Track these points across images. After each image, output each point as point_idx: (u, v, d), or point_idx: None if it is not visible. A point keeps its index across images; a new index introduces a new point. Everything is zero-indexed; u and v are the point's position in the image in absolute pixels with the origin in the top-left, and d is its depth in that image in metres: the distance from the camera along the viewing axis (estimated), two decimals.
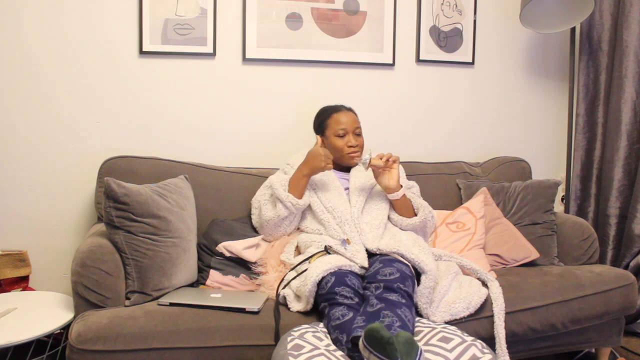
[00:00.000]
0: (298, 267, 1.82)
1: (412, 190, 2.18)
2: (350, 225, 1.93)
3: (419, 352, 1.26)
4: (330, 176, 2.08)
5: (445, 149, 2.72)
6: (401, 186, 2.01)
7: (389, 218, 2.05)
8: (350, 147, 2.08)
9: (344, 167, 2.14)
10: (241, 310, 1.63)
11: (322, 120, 2.16)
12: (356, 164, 2.11)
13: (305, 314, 1.68)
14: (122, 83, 2.26)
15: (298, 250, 1.98)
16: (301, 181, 1.97)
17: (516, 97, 2.84)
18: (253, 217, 2.08)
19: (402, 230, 2.03)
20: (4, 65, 2.13)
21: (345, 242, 1.86)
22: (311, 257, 1.82)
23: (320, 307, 1.64)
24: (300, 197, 1.97)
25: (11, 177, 2.17)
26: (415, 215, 2.05)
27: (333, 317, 1.54)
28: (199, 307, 1.64)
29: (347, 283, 1.63)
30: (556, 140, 2.93)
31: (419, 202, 2.08)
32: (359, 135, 2.12)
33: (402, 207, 2.03)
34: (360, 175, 2.10)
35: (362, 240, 1.89)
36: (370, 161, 1.93)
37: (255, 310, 1.64)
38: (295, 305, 1.70)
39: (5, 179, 2.17)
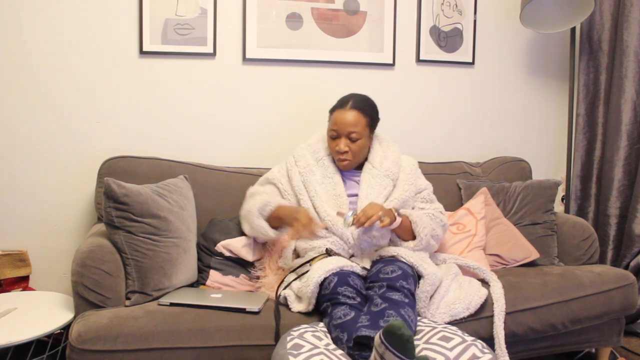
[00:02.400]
0: (299, 269, 1.82)
1: (422, 195, 2.01)
2: (349, 243, 1.87)
3: None
4: (334, 179, 1.96)
5: (445, 149, 2.72)
6: (396, 215, 1.80)
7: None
8: (338, 152, 1.91)
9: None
10: (241, 311, 1.63)
11: (329, 114, 2.00)
12: (346, 170, 1.96)
13: (306, 314, 1.68)
14: (122, 83, 2.26)
15: (296, 254, 1.97)
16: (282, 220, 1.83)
17: (516, 97, 2.84)
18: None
19: None
20: (4, 65, 2.13)
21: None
22: (312, 260, 1.82)
23: (322, 307, 1.64)
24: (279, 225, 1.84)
25: (11, 177, 2.17)
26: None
27: (335, 316, 1.54)
28: (199, 307, 1.64)
29: (350, 283, 1.63)
30: (556, 140, 2.93)
31: (422, 226, 1.85)
32: (354, 140, 1.89)
33: (401, 233, 1.87)
34: (374, 183, 1.93)
35: (362, 255, 1.86)
36: (352, 221, 1.72)
37: (256, 310, 1.64)
38: (296, 306, 1.70)
39: (5, 179, 2.17)
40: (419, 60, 2.64)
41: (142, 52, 2.26)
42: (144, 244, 1.70)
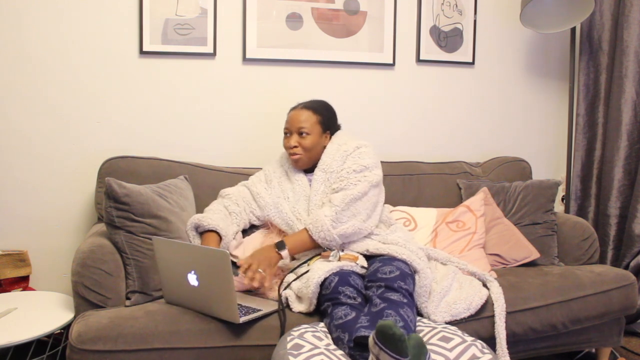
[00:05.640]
0: (297, 269, 1.82)
1: (340, 174, 1.92)
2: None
3: (427, 356, 1.27)
4: (302, 182, 1.99)
5: (445, 149, 2.72)
6: (278, 253, 1.80)
7: None
8: (289, 147, 1.97)
9: (311, 169, 2.02)
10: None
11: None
12: (300, 168, 2.00)
13: (306, 314, 1.68)
14: (122, 83, 2.26)
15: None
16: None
17: (516, 97, 2.84)
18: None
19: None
20: (4, 66, 2.13)
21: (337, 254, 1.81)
22: (310, 259, 1.82)
23: (322, 307, 1.63)
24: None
25: (11, 177, 2.17)
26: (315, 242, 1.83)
27: (336, 316, 1.54)
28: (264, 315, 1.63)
29: (351, 283, 1.63)
30: (556, 140, 2.93)
31: (317, 230, 1.80)
32: (303, 135, 1.95)
33: (307, 246, 1.85)
34: (318, 186, 1.95)
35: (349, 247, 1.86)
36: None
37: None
38: (297, 306, 1.70)
39: (5, 179, 2.16)
40: (419, 60, 2.64)
41: (142, 52, 2.26)
42: (145, 244, 1.70)
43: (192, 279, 1.57)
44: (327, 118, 2.03)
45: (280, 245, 1.80)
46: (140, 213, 1.69)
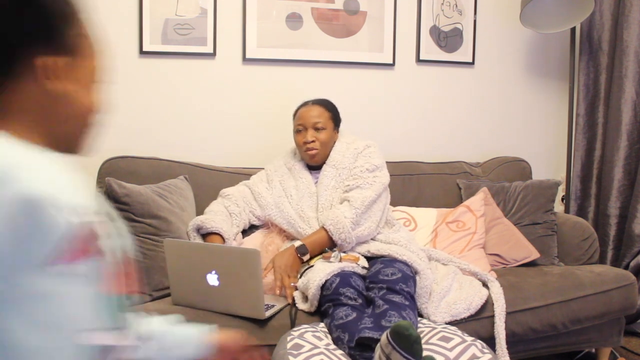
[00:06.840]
0: (299, 268, 1.82)
1: (353, 172, 1.94)
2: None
3: None
4: (306, 179, 2.00)
5: (445, 149, 2.72)
6: (298, 254, 1.80)
7: None
8: (305, 143, 1.97)
9: (318, 166, 2.03)
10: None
11: (293, 117, 2.08)
12: (316, 163, 1.99)
13: (309, 313, 1.68)
14: (122, 83, 2.26)
15: None
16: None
17: (516, 97, 2.84)
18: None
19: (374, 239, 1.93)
20: None
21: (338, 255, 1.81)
22: (311, 259, 1.82)
23: (323, 308, 1.63)
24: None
25: None
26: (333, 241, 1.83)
27: (337, 316, 1.54)
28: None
29: (352, 284, 1.63)
30: (556, 140, 2.93)
31: (337, 232, 1.80)
32: (319, 130, 1.97)
33: (323, 244, 1.84)
34: (327, 183, 1.96)
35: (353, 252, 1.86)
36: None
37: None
38: (301, 305, 1.70)
39: None
40: (419, 60, 2.64)
41: (142, 52, 2.26)
42: (145, 244, 1.70)
43: (212, 279, 1.57)
44: (335, 115, 2.08)
45: (302, 251, 1.79)
46: (140, 213, 1.70)
